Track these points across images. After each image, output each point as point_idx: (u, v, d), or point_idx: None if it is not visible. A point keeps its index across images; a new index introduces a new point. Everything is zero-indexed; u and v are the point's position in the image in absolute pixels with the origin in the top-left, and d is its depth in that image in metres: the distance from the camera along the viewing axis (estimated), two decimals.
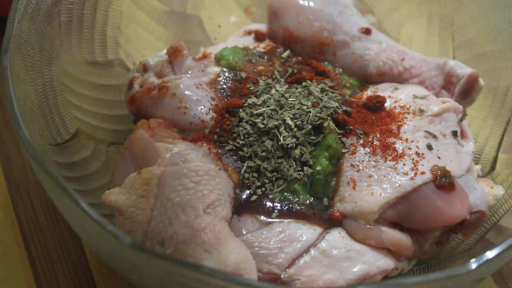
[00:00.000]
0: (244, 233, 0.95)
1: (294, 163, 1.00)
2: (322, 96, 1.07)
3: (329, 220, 0.99)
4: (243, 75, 1.12)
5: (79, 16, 1.14)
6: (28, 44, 1.01)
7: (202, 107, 1.06)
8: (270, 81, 1.11)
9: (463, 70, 1.13)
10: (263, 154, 1.01)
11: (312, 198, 1.00)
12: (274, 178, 1.00)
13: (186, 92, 1.06)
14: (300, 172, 1.00)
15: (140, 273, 0.85)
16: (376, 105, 1.06)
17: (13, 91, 0.89)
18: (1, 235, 1.13)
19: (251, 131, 1.03)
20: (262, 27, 1.24)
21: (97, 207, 0.89)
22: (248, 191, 0.99)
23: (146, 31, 1.27)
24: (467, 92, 1.13)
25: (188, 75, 1.10)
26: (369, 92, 1.10)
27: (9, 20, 0.96)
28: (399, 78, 1.17)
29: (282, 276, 0.93)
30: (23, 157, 1.21)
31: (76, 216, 0.84)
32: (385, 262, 0.98)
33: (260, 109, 1.04)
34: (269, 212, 0.97)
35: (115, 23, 1.21)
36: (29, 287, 1.08)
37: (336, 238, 0.98)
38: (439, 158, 1.01)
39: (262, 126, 1.02)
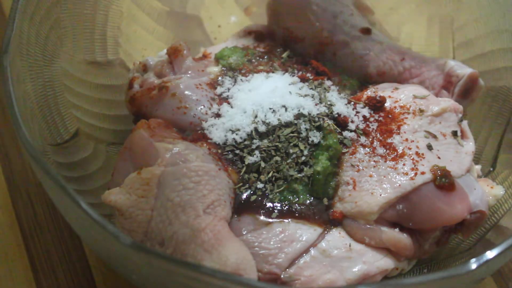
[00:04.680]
0: (244, 233, 0.95)
1: (294, 163, 1.00)
2: (322, 96, 1.07)
3: (329, 220, 0.99)
4: None
5: (79, 16, 1.14)
6: (28, 44, 1.01)
7: (202, 107, 1.06)
8: None
9: (463, 70, 1.13)
10: (263, 154, 1.01)
11: (312, 198, 1.00)
12: (274, 178, 1.00)
13: (186, 92, 1.06)
14: (300, 172, 1.00)
15: (140, 273, 0.85)
16: (376, 105, 1.06)
17: (13, 91, 0.89)
18: (1, 235, 1.13)
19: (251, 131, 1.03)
20: (262, 27, 1.24)
21: (97, 207, 0.89)
22: (248, 191, 0.99)
23: (146, 31, 1.27)
24: (467, 92, 1.13)
25: (188, 75, 1.10)
26: (369, 92, 1.10)
27: (9, 20, 0.96)
28: (399, 78, 1.17)
29: (282, 276, 0.93)
30: (23, 157, 1.21)
31: (76, 216, 0.84)
32: (385, 262, 0.98)
33: None
34: (269, 212, 0.97)
35: (115, 23, 1.21)
36: (29, 287, 1.08)
37: (336, 238, 0.98)
38: (439, 158, 1.01)
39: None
